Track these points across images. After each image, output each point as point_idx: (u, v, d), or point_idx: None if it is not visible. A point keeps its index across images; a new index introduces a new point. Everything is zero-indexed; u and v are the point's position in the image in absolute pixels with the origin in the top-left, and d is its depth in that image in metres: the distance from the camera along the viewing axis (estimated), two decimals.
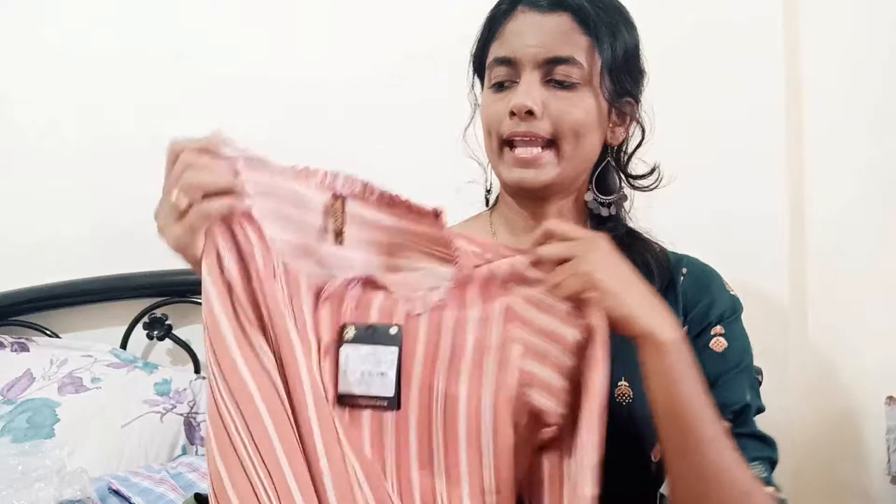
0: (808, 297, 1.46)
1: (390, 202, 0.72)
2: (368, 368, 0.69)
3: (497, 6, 0.88)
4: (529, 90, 0.82)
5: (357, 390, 0.69)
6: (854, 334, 1.43)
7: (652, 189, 0.93)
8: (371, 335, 0.70)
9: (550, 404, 0.69)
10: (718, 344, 0.85)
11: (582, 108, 0.83)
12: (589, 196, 0.90)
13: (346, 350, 0.70)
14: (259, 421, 0.63)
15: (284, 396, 0.65)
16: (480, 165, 0.96)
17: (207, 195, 0.63)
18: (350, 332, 0.70)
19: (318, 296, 0.71)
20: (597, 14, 0.82)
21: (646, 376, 0.71)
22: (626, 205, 0.93)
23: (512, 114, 0.83)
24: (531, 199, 0.89)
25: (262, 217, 0.67)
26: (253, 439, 0.62)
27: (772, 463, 0.82)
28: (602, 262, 0.69)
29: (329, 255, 0.72)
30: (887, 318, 1.41)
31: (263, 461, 0.62)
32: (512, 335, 0.71)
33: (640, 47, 0.89)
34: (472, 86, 0.94)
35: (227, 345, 0.64)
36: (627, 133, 0.91)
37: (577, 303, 0.69)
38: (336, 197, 0.71)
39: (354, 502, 0.64)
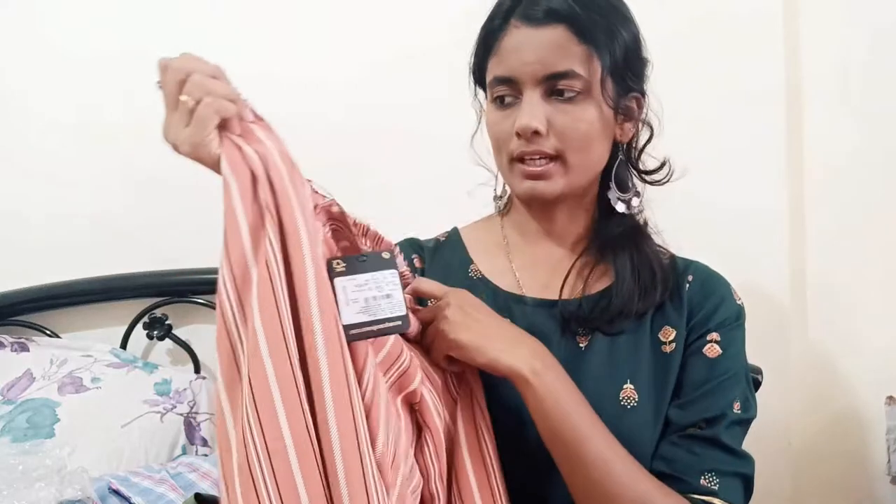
0: (808, 297, 1.46)
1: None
2: (371, 294, 0.66)
3: (490, 20, 0.86)
4: (533, 110, 0.81)
5: (363, 318, 0.65)
6: (854, 334, 1.43)
7: (664, 183, 0.92)
8: (364, 264, 0.67)
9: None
10: (712, 350, 0.84)
11: (586, 121, 0.82)
12: (613, 197, 0.89)
13: (340, 283, 0.65)
14: (251, 319, 0.58)
15: (285, 300, 0.59)
16: (490, 172, 0.95)
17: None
18: (340, 265, 0.66)
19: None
20: (591, 20, 0.80)
21: (528, 408, 0.75)
22: (637, 202, 0.92)
23: (518, 134, 0.82)
24: (542, 204, 0.90)
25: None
26: (243, 338, 0.58)
27: (743, 478, 0.80)
28: (457, 318, 0.76)
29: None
30: (887, 319, 1.41)
31: (247, 352, 0.58)
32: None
33: (640, 37, 0.87)
34: (475, 94, 0.94)
35: (243, 241, 0.59)
36: (637, 128, 0.90)
37: (449, 360, 0.76)
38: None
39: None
